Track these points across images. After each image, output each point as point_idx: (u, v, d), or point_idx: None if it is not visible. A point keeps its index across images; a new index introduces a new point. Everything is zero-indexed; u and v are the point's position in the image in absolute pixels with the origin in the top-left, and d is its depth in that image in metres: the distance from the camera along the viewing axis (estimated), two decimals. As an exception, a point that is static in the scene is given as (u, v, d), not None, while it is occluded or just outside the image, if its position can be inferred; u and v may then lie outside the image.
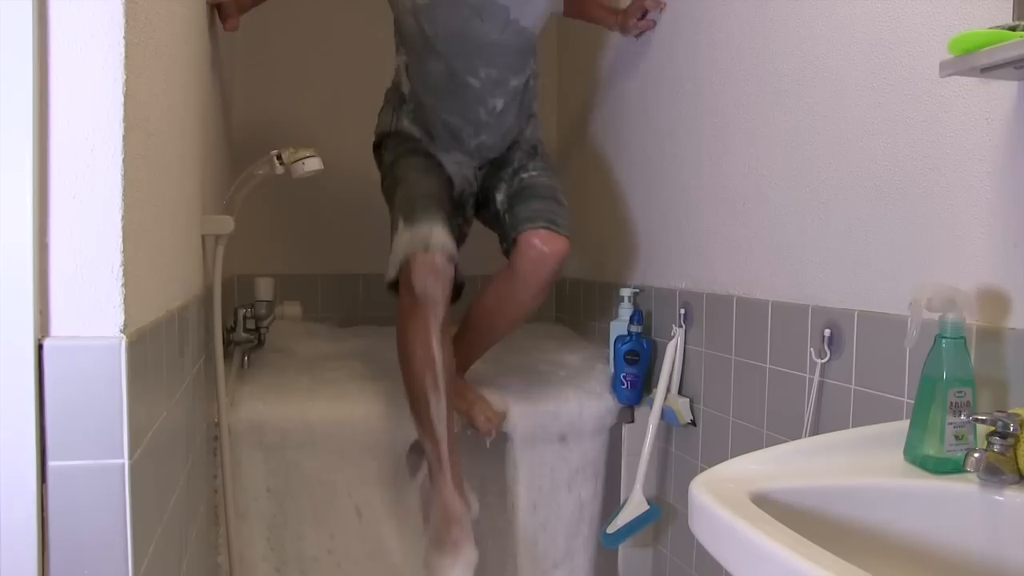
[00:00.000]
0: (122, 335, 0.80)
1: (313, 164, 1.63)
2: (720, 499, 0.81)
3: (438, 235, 1.59)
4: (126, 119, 0.81)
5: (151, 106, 0.94)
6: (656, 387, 1.80)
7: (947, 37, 0.94)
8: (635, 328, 1.91)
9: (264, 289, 1.94)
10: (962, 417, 0.93)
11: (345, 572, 1.80)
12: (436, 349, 1.58)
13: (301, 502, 1.76)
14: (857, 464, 0.96)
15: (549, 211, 1.71)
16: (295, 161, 1.62)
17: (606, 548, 1.94)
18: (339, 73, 2.55)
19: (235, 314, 1.88)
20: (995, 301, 1.02)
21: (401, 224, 1.64)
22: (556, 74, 2.70)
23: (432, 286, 1.57)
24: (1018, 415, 0.87)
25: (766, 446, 1.04)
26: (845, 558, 0.67)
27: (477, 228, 1.93)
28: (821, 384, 1.34)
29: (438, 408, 1.59)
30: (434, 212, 1.63)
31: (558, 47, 2.69)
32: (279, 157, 1.62)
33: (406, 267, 1.58)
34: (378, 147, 1.91)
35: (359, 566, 1.80)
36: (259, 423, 1.70)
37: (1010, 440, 0.86)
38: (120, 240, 0.80)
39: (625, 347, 1.90)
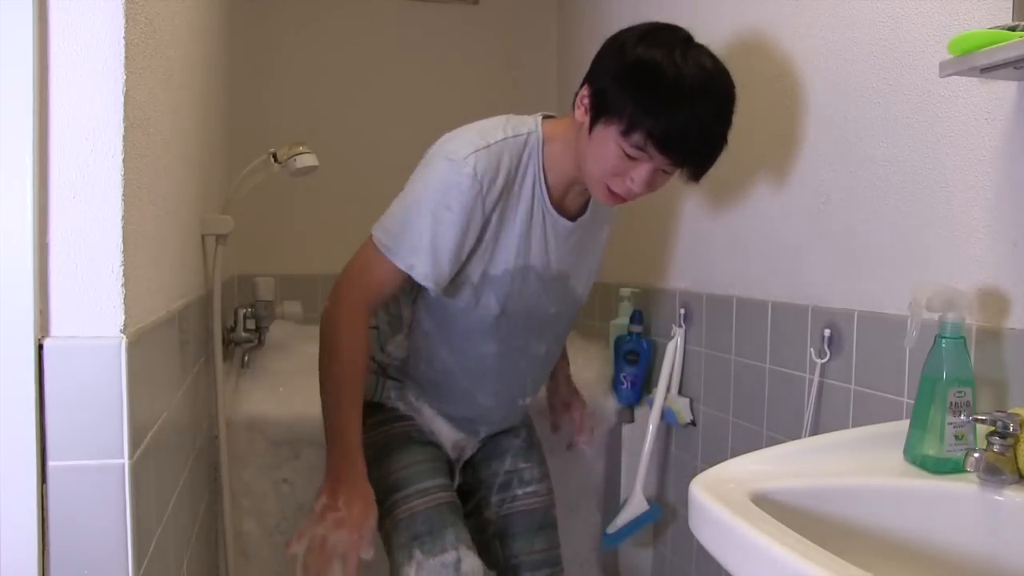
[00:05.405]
0: (122, 335, 0.80)
1: (307, 160, 1.63)
2: (720, 499, 0.81)
3: None
4: (126, 119, 0.81)
5: (151, 106, 0.94)
6: (656, 387, 1.80)
7: (947, 37, 0.94)
8: (635, 328, 1.90)
9: (264, 289, 1.94)
10: (962, 417, 0.93)
11: (345, 572, 1.79)
12: None
13: (302, 501, 1.76)
14: (857, 464, 0.96)
15: (553, 556, 1.53)
16: (289, 157, 1.63)
17: (606, 548, 1.94)
18: (340, 74, 2.55)
19: (235, 314, 1.88)
20: (995, 301, 1.02)
21: None
22: (556, 72, 2.70)
23: None
24: (1018, 415, 0.87)
25: (766, 446, 1.04)
26: (845, 558, 0.67)
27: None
28: (821, 384, 1.34)
29: None
30: None
31: (558, 45, 2.69)
32: (274, 155, 1.63)
33: None
34: None
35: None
36: (259, 423, 1.70)
37: (1010, 440, 0.86)
38: (120, 240, 0.80)
39: (625, 347, 1.90)
